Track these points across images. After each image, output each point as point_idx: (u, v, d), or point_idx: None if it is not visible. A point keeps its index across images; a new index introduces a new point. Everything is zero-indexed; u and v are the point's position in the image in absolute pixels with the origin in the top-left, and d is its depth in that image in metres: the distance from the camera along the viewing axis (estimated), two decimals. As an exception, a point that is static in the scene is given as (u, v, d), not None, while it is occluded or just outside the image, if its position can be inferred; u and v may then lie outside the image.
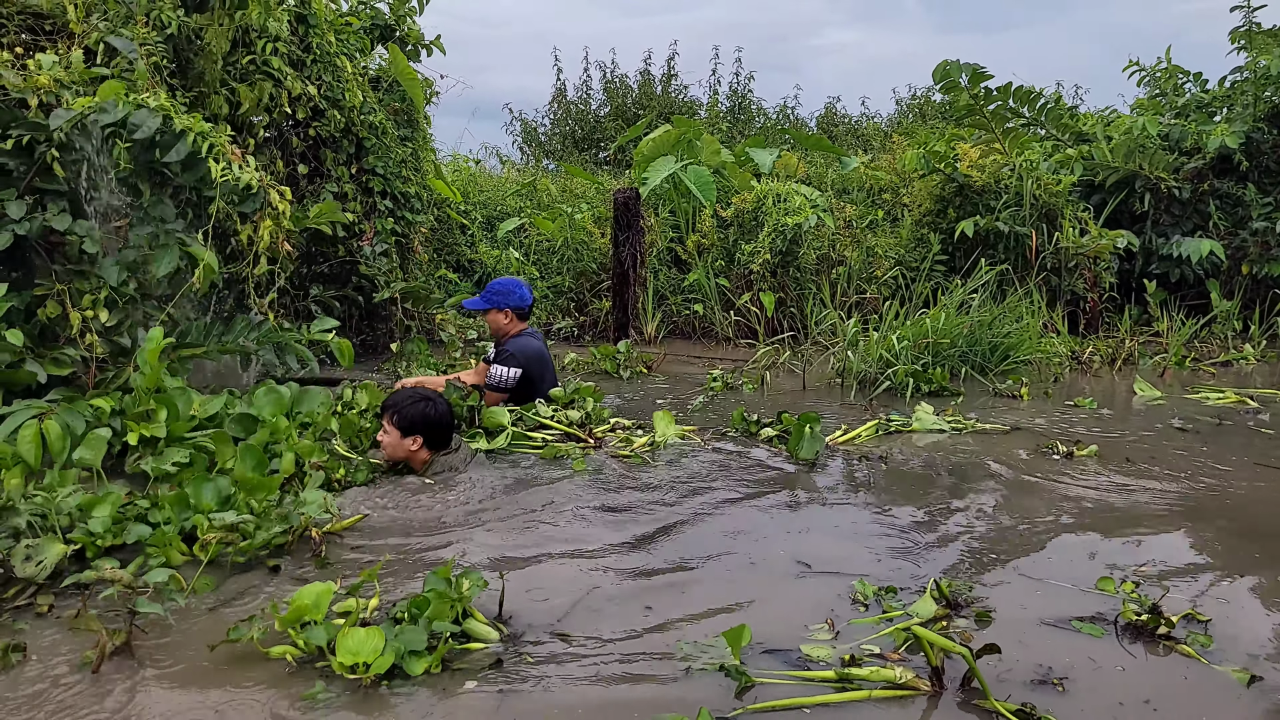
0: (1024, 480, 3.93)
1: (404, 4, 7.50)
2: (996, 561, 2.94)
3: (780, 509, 3.51)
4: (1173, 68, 10.58)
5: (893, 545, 3.10)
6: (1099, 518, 3.43)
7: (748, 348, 8.00)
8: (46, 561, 2.68)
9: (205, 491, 2.98)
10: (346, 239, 6.32)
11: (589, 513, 3.37)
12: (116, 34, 4.98)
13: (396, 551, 2.95)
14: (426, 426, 3.71)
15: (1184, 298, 9.06)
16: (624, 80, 15.80)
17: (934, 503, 3.61)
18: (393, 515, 3.30)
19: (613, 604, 2.58)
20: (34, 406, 3.24)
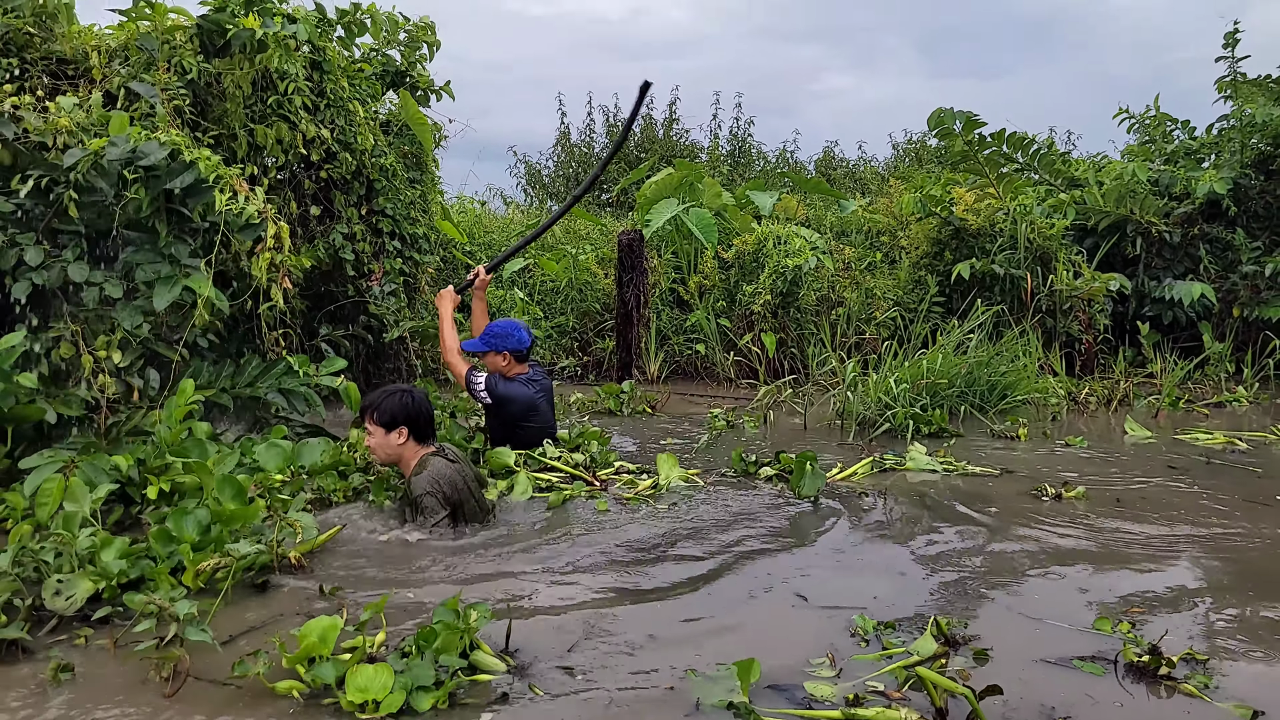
0: (1015, 520, 4.00)
1: (415, 51, 7.69)
2: (992, 599, 3.00)
3: (780, 545, 3.57)
4: (1161, 115, 10.83)
5: (890, 581, 3.16)
6: (1090, 557, 3.50)
7: (749, 388, 8.09)
8: (77, 596, 2.75)
9: (186, 524, 2.99)
10: (356, 279, 6.43)
11: (594, 550, 3.43)
12: (138, 79, 5.13)
13: (393, 582, 3.01)
14: (408, 416, 3.69)
15: (1177, 340, 9.20)
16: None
17: (928, 540, 3.68)
18: (387, 542, 3.36)
19: (618, 637, 2.62)
20: (58, 458, 3.30)
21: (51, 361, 4.23)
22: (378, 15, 7.07)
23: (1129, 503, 4.35)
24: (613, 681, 2.34)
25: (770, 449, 5.28)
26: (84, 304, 4.34)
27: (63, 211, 4.50)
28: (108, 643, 2.50)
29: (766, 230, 8.68)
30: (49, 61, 5.46)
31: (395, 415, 3.68)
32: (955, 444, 5.71)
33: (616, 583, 3.09)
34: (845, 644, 2.59)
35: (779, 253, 8.29)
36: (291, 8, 6.11)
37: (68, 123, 4.64)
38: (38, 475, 3.20)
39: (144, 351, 4.45)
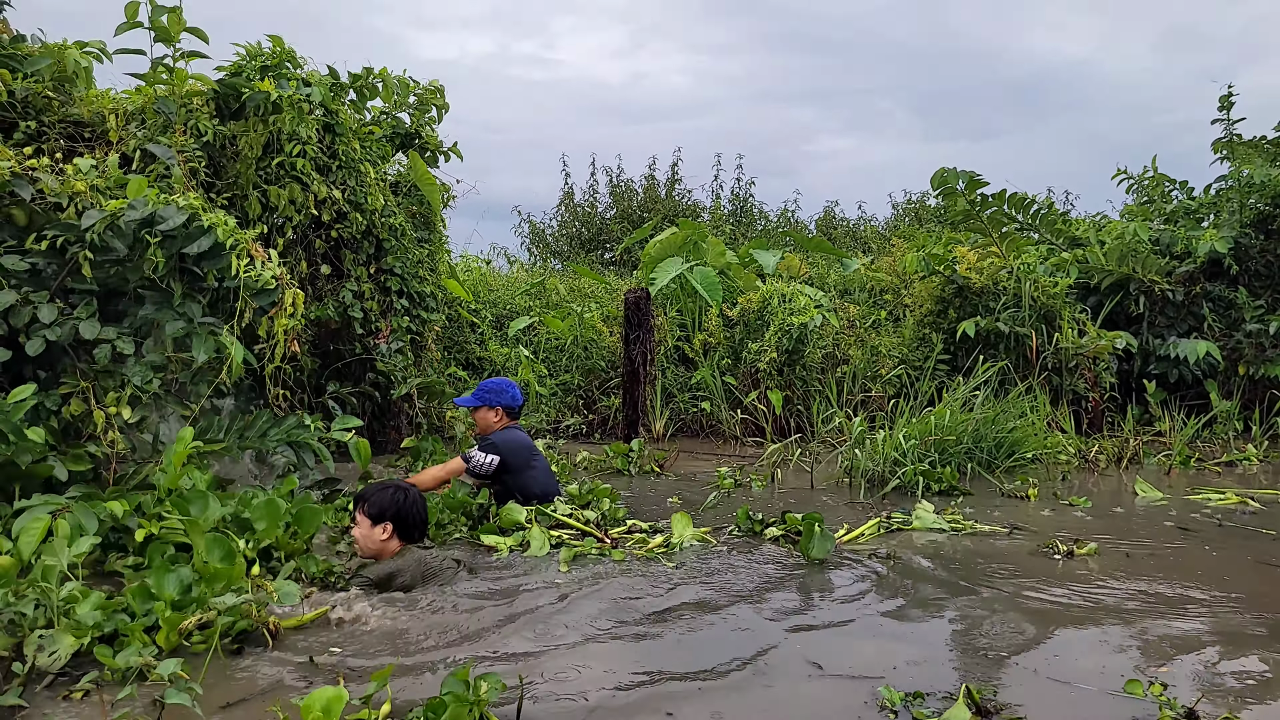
0: (1028, 580, 3.93)
1: (424, 114, 7.84)
2: (1017, 664, 2.92)
3: (792, 610, 3.48)
4: (1159, 176, 10.99)
5: (909, 647, 3.07)
6: (1108, 617, 3.43)
7: (755, 445, 8.05)
8: (60, 652, 2.69)
9: (167, 582, 2.92)
10: (364, 336, 6.45)
11: (605, 615, 3.34)
12: (155, 142, 5.21)
13: (393, 649, 2.94)
14: (396, 514, 3.69)
15: (1183, 397, 9.18)
16: (629, 184, 16.34)
17: (942, 603, 3.60)
18: (390, 614, 3.27)
19: (632, 709, 2.53)
20: (51, 503, 3.26)
21: (62, 417, 4.21)
22: (389, 79, 7.23)
23: (1140, 562, 4.29)
24: None
25: (778, 507, 5.23)
26: (95, 361, 4.35)
27: (75, 270, 4.54)
28: (99, 703, 2.43)
29: (771, 288, 8.74)
30: (66, 124, 5.56)
31: (384, 510, 3.69)
32: (963, 502, 5.66)
33: (629, 652, 3.00)
34: (872, 717, 2.50)
35: (784, 310, 8.32)
36: (306, 72, 6.27)
37: (84, 185, 4.70)
38: (26, 515, 3.16)
39: (153, 407, 4.43)
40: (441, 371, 7.96)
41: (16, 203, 4.62)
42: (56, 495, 3.36)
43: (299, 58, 6.15)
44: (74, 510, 3.22)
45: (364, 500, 3.74)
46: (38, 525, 3.04)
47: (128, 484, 4.01)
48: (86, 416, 4.30)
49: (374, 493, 3.74)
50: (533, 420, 7.94)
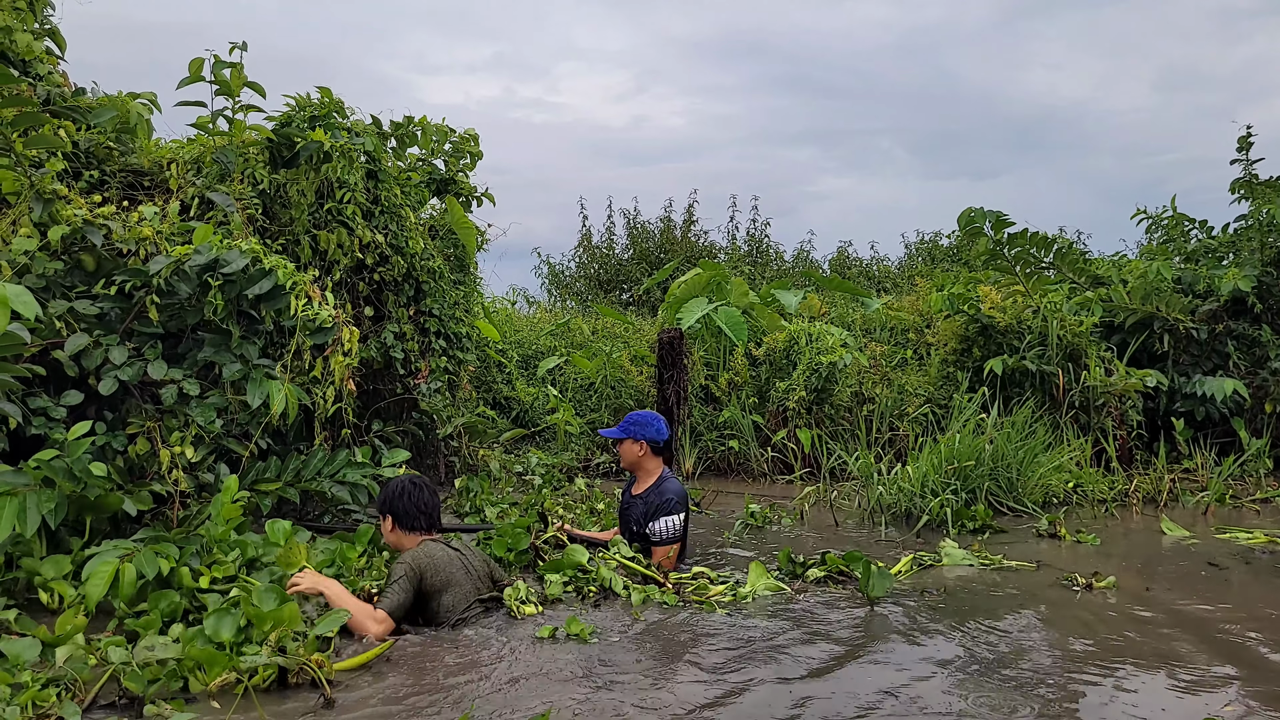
0: (1080, 617, 3.98)
1: (458, 162, 8.06)
2: (1099, 702, 2.93)
3: (864, 655, 3.46)
4: (1178, 215, 11.12)
5: (992, 690, 3.06)
6: (1170, 653, 3.47)
7: (785, 484, 8.11)
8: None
9: (223, 625, 2.98)
10: (405, 376, 6.58)
11: (677, 665, 3.28)
12: (215, 190, 5.41)
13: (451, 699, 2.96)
14: (388, 505, 3.93)
15: (1210, 435, 9.21)
16: (645, 226, 16.59)
17: (1004, 639, 3.65)
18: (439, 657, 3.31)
19: None
20: (121, 547, 3.38)
21: (128, 457, 4.34)
22: (429, 127, 7.46)
23: (1180, 594, 4.34)
24: None
25: (809, 545, 5.30)
26: (162, 401, 4.49)
27: (140, 314, 4.71)
28: None
29: (798, 327, 8.86)
30: (126, 173, 5.77)
31: (382, 504, 3.98)
32: (989, 538, 5.76)
33: (709, 707, 2.91)
34: None
35: (812, 349, 8.43)
36: (352, 121, 6.48)
37: (150, 231, 4.88)
38: (96, 560, 3.28)
39: (215, 447, 4.56)
40: (472, 410, 8.08)
41: (86, 249, 4.80)
42: (124, 540, 3.47)
43: (346, 108, 6.38)
44: (139, 556, 3.32)
45: (379, 500, 4.03)
46: (105, 570, 3.15)
47: (192, 523, 4.11)
48: (151, 456, 4.43)
49: (381, 489, 4.02)
50: (564, 458, 8.03)
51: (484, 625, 3.64)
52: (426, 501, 4.00)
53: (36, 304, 3.09)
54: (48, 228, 4.67)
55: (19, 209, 4.69)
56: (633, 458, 4.87)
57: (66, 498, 3.47)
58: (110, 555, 3.46)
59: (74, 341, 4.36)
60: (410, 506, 3.95)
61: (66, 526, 3.77)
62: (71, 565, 3.50)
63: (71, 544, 3.76)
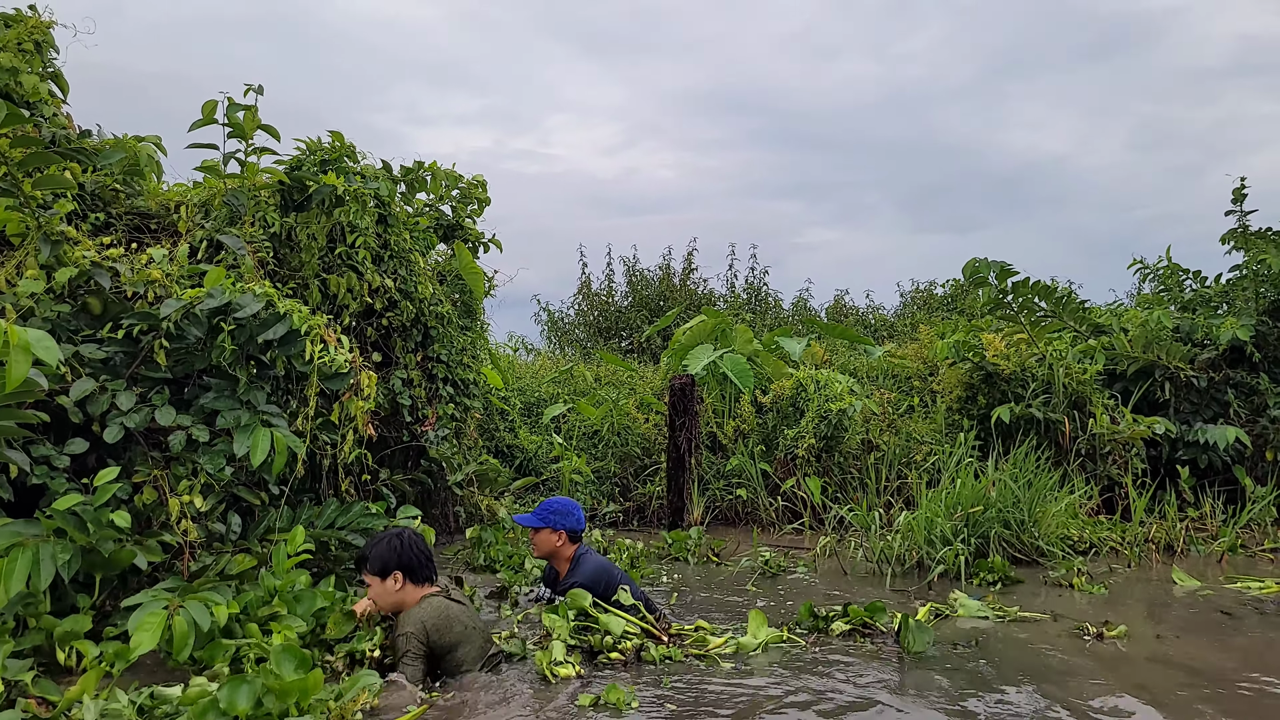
0: (1114, 666, 3.88)
1: (465, 207, 8.03)
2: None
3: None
4: (1173, 265, 11.24)
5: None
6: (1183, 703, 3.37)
7: (794, 532, 7.98)
8: None
9: (240, 696, 2.70)
10: (411, 424, 6.45)
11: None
12: (225, 233, 5.31)
13: None
14: (400, 560, 3.64)
15: (1212, 483, 9.18)
16: (644, 274, 16.61)
17: (1046, 694, 3.53)
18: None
19: None
20: (160, 597, 3.21)
21: (134, 506, 4.17)
22: (439, 172, 7.43)
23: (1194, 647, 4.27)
24: None
25: (821, 595, 5.19)
26: (169, 448, 4.33)
27: (146, 359, 4.57)
28: None
29: (806, 374, 8.80)
30: (133, 215, 5.68)
31: (387, 562, 3.65)
32: (1002, 589, 5.68)
33: None
34: None
35: (820, 397, 8.36)
36: (362, 166, 6.44)
37: (159, 274, 4.77)
38: (142, 611, 3.09)
39: (225, 496, 4.40)
40: (476, 459, 7.94)
41: (93, 292, 4.68)
42: (156, 590, 3.29)
43: (357, 152, 6.34)
44: (186, 606, 3.15)
45: (365, 562, 3.70)
46: (154, 621, 2.98)
47: (210, 574, 3.94)
48: (158, 506, 4.26)
49: (370, 550, 3.70)
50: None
51: (512, 684, 3.47)
52: (427, 549, 3.80)
53: (58, 350, 2.96)
54: (54, 270, 4.56)
55: (25, 250, 4.58)
56: (550, 547, 4.56)
57: (80, 550, 3.30)
58: (154, 606, 3.27)
59: (79, 387, 4.22)
60: (420, 556, 3.72)
61: (75, 583, 3.59)
62: (90, 623, 3.31)
63: (79, 601, 3.58)
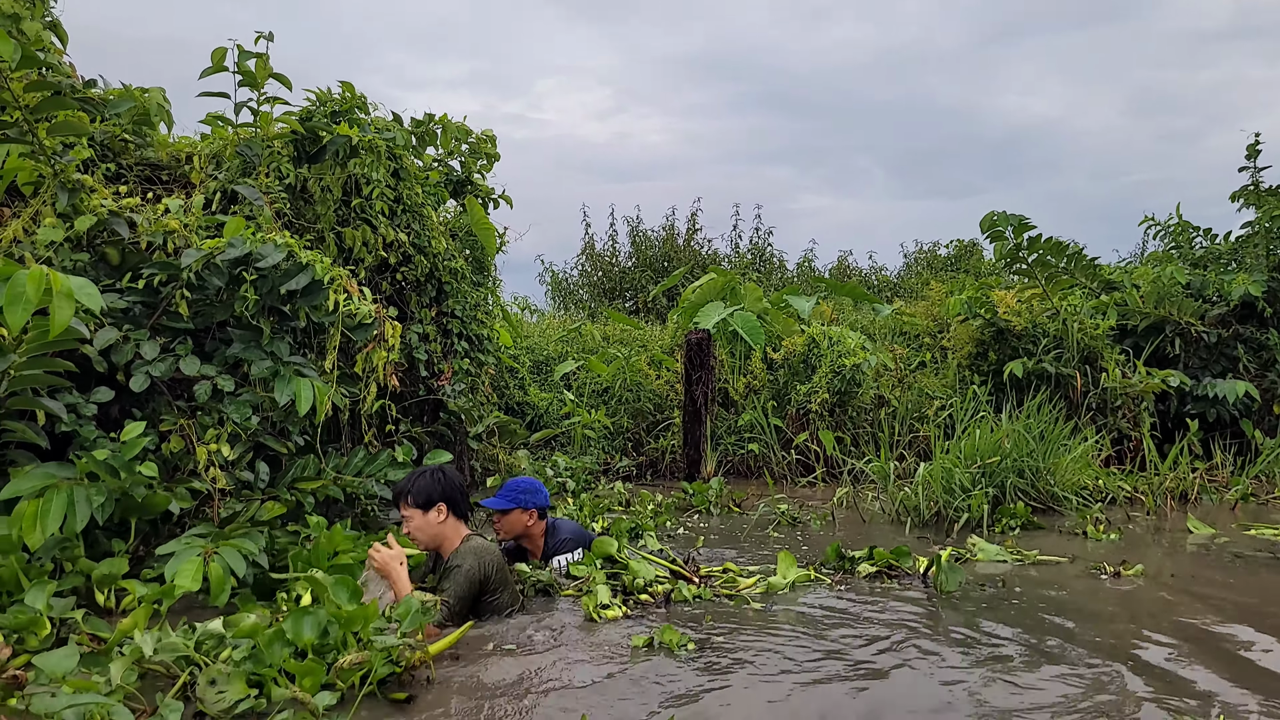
0: (1122, 600, 3.90)
1: (475, 162, 7.93)
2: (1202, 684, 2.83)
3: (948, 647, 3.32)
4: (1183, 223, 11.20)
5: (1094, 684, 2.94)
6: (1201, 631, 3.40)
7: (807, 486, 8.01)
8: (229, 695, 2.59)
9: (305, 626, 2.77)
10: (428, 378, 6.42)
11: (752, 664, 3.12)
12: (240, 184, 5.24)
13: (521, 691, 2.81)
14: (444, 493, 3.61)
15: (1220, 437, 9.23)
16: (647, 235, 16.51)
17: (1091, 633, 3.55)
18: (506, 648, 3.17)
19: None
20: (195, 544, 3.20)
21: (161, 455, 4.15)
22: (450, 125, 7.33)
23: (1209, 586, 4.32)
24: None
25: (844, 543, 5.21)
26: (195, 398, 4.30)
27: (167, 309, 4.53)
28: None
29: (818, 331, 8.78)
30: (143, 166, 5.59)
31: (431, 494, 3.62)
32: (1020, 535, 5.73)
33: (797, 701, 2.74)
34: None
35: (833, 353, 8.35)
36: (373, 117, 6.34)
37: (176, 224, 4.71)
38: (178, 559, 3.09)
39: (251, 445, 4.38)
40: (488, 414, 7.93)
41: (111, 241, 4.62)
42: (190, 536, 3.28)
43: (368, 103, 6.24)
44: (222, 553, 3.14)
45: (406, 494, 3.65)
46: (191, 568, 2.98)
47: (241, 520, 3.93)
48: (185, 454, 4.24)
49: (413, 482, 3.66)
50: (585, 462, 7.88)
51: (561, 624, 3.48)
52: (464, 486, 3.78)
53: (100, 297, 2.92)
54: (71, 219, 4.49)
55: (41, 199, 4.51)
56: (520, 528, 4.39)
57: (113, 495, 3.28)
58: (189, 552, 3.26)
59: (104, 335, 4.18)
60: (460, 491, 3.69)
61: (106, 529, 3.59)
62: (127, 566, 3.30)
63: (114, 546, 3.58)
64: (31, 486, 3.01)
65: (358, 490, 4.52)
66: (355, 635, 2.66)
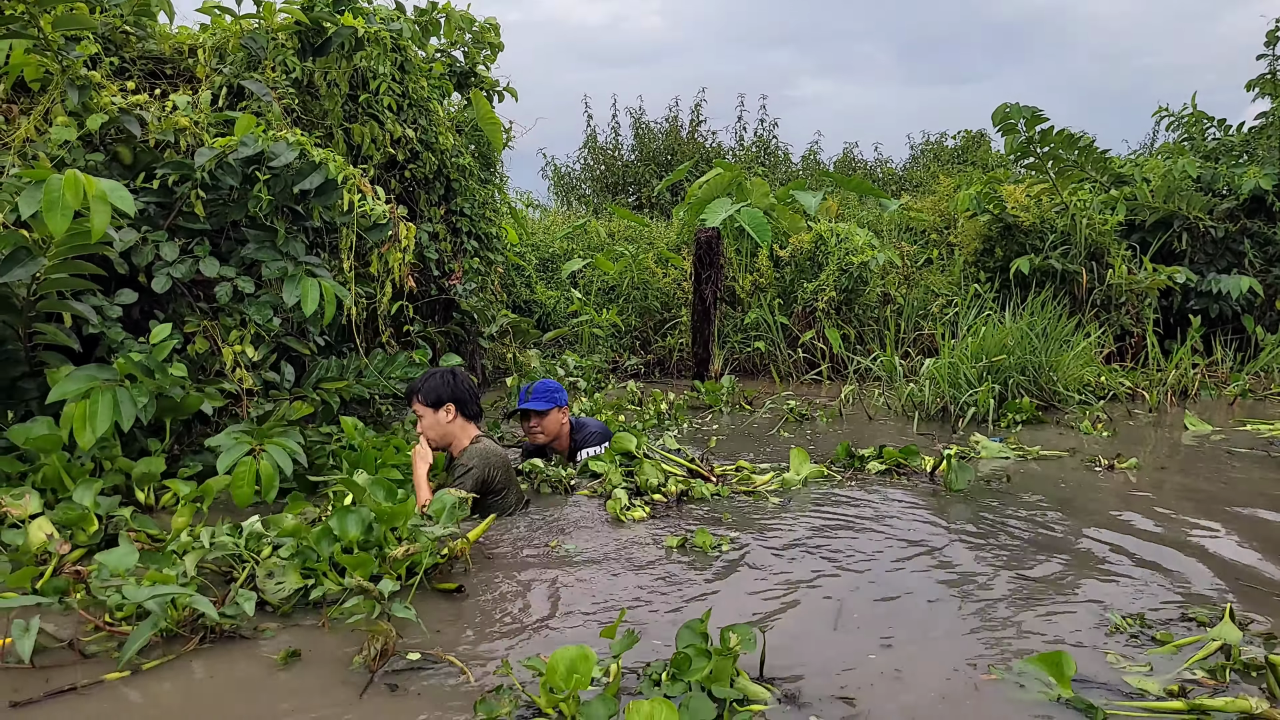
0: (1139, 499, 4.06)
1: (479, 53, 7.71)
2: (1221, 583, 2.94)
3: (960, 537, 3.44)
4: (1198, 113, 10.98)
5: (1098, 571, 3.07)
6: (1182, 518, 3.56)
7: (812, 383, 8.14)
8: (286, 585, 2.73)
9: (350, 523, 2.86)
10: (439, 278, 6.45)
11: (779, 553, 3.22)
12: (247, 78, 5.12)
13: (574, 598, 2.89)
14: (454, 394, 3.73)
15: (1221, 333, 9.33)
16: (650, 127, 16.13)
17: (1090, 524, 3.71)
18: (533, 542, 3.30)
19: (851, 649, 2.36)
20: (242, 439, 3.29)
21: (187, 356, 4.22)
22: (453, 14, 7.10)
23: (1196, 478, 4.48)
24: (905, 699, 2.06)
25: (853, 440, 5.35)
26: (213, 300, 4.34)
27: (183, 209, 4.51)
28: (322, 622, 2.50)
29: (826, 227, 8.74)
30: (147, 60, 5.45)
31: (440, 394, 3.73)
32: (1021, 431, 5.88)
33: (822, 589, 2.85)
34: (1107, 640, 2.42)
35: (841, 250, 8.34)
36: (375, 6, 6.14)
37: (187, 121, 4.64)
38: (228, 454, 3.20)
39: (275, 346, 4.45)
40: (498, 313, 7.98)
41: (122, 140, 4.56)
42: (231, 432, 3.37)
43: (370, -8, 6.03)
44: (269, 450, 3.25)
45: (417, 393, 3.76)
46: (245, 468, 3.09)
47: (275, 419, 4.04)
48: (210, 356, 4.31)
49: (424, 382, 3.77)
50: (593, 360, 7.98)
51: (591, 521, 3.63)
52: (475, 388, 3.87)
53: (132, 200, 2.92)
54: (82, 117, 4.42)
55: (51, 96, 4.42)
56: (556, 427, 4.47)
57: (154, 395, 3.37)
58: (237, 449, 3.35)
59: (124, 237, 4.17)
60: (470, 392, 3.81)
61: (141, 430, 3.69)
62: (165, 464, 3.42)
63: (150, 445, 3.68)
64: (77, 389, 3.08)
65: (378, 391, 4.61)
66: (393, 531, 2.81)
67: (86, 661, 2.20)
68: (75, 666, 2.17)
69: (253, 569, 2.65)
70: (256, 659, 2.27)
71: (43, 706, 1.99)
